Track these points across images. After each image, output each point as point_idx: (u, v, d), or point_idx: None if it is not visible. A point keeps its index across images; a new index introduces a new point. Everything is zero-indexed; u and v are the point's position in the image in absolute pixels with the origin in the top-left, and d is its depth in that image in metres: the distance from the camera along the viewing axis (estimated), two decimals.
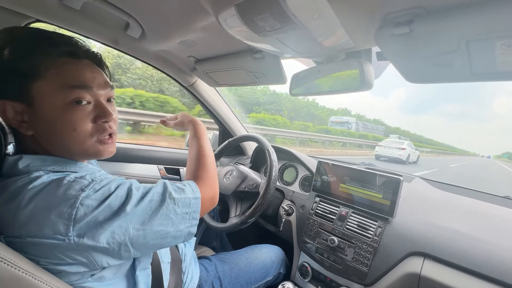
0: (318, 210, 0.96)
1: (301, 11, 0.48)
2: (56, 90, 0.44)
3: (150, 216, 0.45)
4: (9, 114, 0.44)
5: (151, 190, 0.47)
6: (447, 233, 0.70)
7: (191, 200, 0.51)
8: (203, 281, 0.75)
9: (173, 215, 0.48)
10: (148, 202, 0.45)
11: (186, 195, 0.51)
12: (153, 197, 0.46)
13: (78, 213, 0.39)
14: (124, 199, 0.43)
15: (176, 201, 0.49)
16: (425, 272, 0.66)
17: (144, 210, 0.44)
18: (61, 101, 0.44)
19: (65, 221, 0.38)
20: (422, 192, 0.94)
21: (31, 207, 0.39)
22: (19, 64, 0.42)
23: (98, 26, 0.83)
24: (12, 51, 0.42)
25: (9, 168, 0.44)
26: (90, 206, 0.40)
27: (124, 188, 0.45)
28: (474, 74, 0.54)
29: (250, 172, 1.05)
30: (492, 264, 0.60)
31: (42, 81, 0.43)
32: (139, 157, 1.27)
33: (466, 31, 0.46)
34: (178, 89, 8.36)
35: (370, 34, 0.59)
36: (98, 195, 0.41)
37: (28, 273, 0.36)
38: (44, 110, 0.44)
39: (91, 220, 0.40)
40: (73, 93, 0.45)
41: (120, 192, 0.44)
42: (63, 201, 0.39)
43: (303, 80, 0.86)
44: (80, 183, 0.41)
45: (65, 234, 0.38)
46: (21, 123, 0.45)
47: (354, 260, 0.80)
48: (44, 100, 0.43)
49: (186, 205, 0.50)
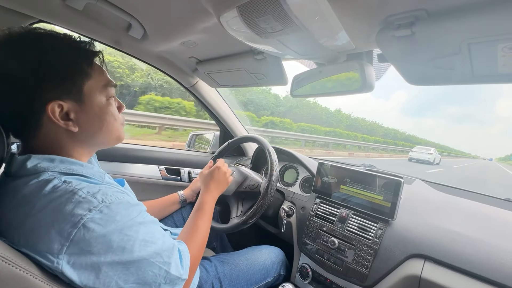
0: (319, 211, 0.96)
1: (303, 13, 0.49)
2: (101, 88, 0.51)
3: (137, 276, 0.43)
4: (56, 113, 0.45)
5: (158, 255, 0.46)
6: (447, 235, 0.70)
7: (179, 281, 0.50)
8: (203, 281, 0.75)
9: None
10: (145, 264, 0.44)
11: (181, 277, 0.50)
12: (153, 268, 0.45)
13: (78, 235, 0.38)
14: (125, 244, 0.42)
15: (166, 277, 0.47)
16: (425, 275, 0.66)
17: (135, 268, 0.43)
18: (105, 97, 0.52)
19: (62, 240, 0.38)
20: (423, 194, 0.93)
21: (39, 216, 0.39)
22: (76, 67, 0.47)
23: (100, 27, 0.84)
24: (70, 55, 0.47)
25: (17, 167, 0.45)
26: (92, 231, 0.39)
27: (131, 230, 0.43)
28: (475, 77, 0.54)
29: (251, 173, 1.05)
30: (492, 267, 0.60)
31: (91, 80, 0.49)
32: (139, 157, 1.27)
33: (468, 33, 0.46)
34: None
35: (372, 36, 0.59)
36: (102, 221, 0.40)
37: (28, 273, 0.36)
38: (93, 106, 0.50)
39: (86, 247, 0.39)
40: (110, 90, 0.53)
41: (125, 235, 0.42)
42: (68, 218, 0.39)
43: (304, 81, 0.87)
44: (90, 202, 0.41)
45: (56, 256, 0.38)
46: (66, 121, 0.47)
47: (355, 262, 0.80)
48: (93, 98, 0.50)
49: (172, 282, 0.48)
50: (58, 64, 0.45)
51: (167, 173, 1.32)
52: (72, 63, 0.47)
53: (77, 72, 0.47)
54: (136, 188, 0.70)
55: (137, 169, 1.25)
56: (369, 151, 19.11)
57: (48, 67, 0.44)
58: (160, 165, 1.32)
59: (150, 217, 0.50)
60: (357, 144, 18.69)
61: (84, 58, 0.49)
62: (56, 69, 0.45)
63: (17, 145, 0.53)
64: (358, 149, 17.99)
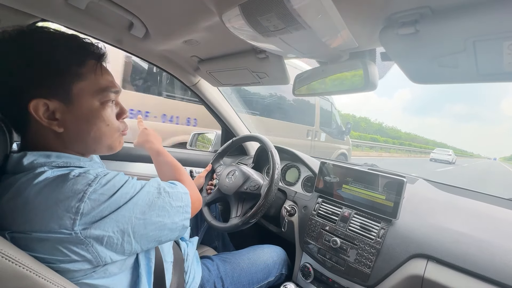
0: (321, 211, 0.95)
1: (306, 11, 0.48)
2: (94, 92, 0.49)
3: (149, 207, 0.48)
4: (40, 111, 0.45)
5: (146, 184, 0.50)
6: (451, 235, 0.69)
7: (183, 195, 0.56)
8: (205, 281, 0.75)
9: (169, 207, 0.51)
10: (146, 193, 0.48)
11: (178, 190, 0.56)
12: (150, 189, 0.50)
13: (86, 208, 0.40)
14: (127, 193, 0.45)
15: (170, 195, 0.52)
16: (428, 275, 0.66)
17: (144, 201, 0.47)
18: (98, 101, 0.49)
19: (72, 215, 0.39)
20: (426, 193, 0.93)
21: (36, 202, 0.39)
22: (65, 66, 0.46)
23: (102, 26, 0.84)
24: (59, 54, 0.45)
25: (13, 165, 0.45)
26: (97, 201, 0.41)
27: (127, 183, 0.47)
28: (480, 75, 0.53)
29: (253, 173, 1.05)
30: (496, 267, 0.59)
31: (83, 82, 0.47)
32: (141, 156, 1.27)
33: (473, 31, 0.46)
34: None
35: (375, 34, 0.59)
36: (104, 190, 0.43)
37: (31, 271, 0.36)
38: (82, 109, 0.48)
39: (98, 214, 0.41)
40: (107, 94, 0.50)
41: (125, 189, 0.45)
42: (71, 196, 0.40)
43: (306, 80, 0.86)
44: (85, 177, 0.42)
45: (71, 228, 0.39)
46: (51, 120, 0.46)
47: (357, 262, 0.80)
48: (83, 100, 0.48)
49: (179, 199, 0.54)
50: (43, 62, 0.44)
51: None
52: (59, 62, 0.45)
53: (64, 72, 0.46)
54: None
55: (140, 168, 1.25)
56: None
57: (32, 65, 0.44)
58: None
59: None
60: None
61: (75, 58, 0.47)
62: (41, 68, 0.44)
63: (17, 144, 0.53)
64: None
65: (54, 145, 0.48)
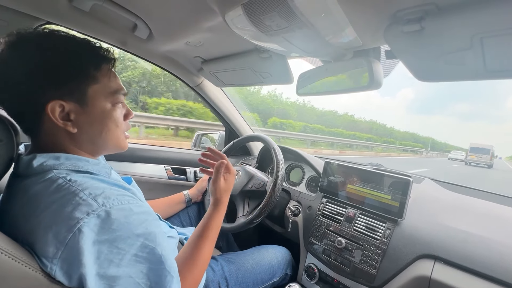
0: (325, 211, 0.95)
1: (309, 10, 0.48)
2: (107, 94, 0.51)
3: None
4: (56, 113, 0.46)
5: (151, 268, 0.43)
6: (458, 235, 0.68)
7: None
8: (209, 281, 0.75)
9: None
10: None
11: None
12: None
13: (72, 239, 0.38)
14: (113, 257, 0.40)
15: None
16: (435, 276, 0.64)
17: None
18: (110, 103, 0.51)
19: (58, 244, 0.38)
20: (432, 193, 0.92)
21: (41, 218, 0.40)
22: (85, 69, 0.48)
23: (106, 28, 0.84)
24: (79, 57, 0.48)
25: (24, 167, 0.46)
26: (84, 237, 0.38)
27: (129, 240, 0.42)
28: (488, 72, 0.52)
29: (257, 172, 1.04)
30: (505, 268, 0.58)
31: (97, 85, 0.49)
32: (146, 157, 1.28)
33: (480, 27, 0.45)
34: None
35: (379, 32, 0.58)
36: (97, 228, 0.40)
37: (30, 267, 0.37)
38: (95, 110, 0.50)
39: (77, 256, 0.38)
40: (118, 97, 0.53)
41: (115, 248, 0.40)
42: (65, 220, 0.39)
43: (310, 79, 0.85)
44: (89, 205, 0.40)
45: (51, 260, 0.39)
46: (66, 121, 0.47)
47: (362, 262, 0.79)
48: (97, 102, 0.49)
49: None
50: (62, 65, 0.46)
51: (173, 172, 1.33)
52: (78, 65, 0.47)
53: (82, 75, 0.47)
54: (142, 188, 0.71)
55: (144, 168, 1.26)
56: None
57: (51, 68, 0.45)
58: (166, 165, 1.32)
59: (154, 227, 0.46)
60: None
61: (92, 62, 0.49)
62: (60, 70, 0.45)
63: (24, 146, 0.54)
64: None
65: (66, 145, 0.49)
